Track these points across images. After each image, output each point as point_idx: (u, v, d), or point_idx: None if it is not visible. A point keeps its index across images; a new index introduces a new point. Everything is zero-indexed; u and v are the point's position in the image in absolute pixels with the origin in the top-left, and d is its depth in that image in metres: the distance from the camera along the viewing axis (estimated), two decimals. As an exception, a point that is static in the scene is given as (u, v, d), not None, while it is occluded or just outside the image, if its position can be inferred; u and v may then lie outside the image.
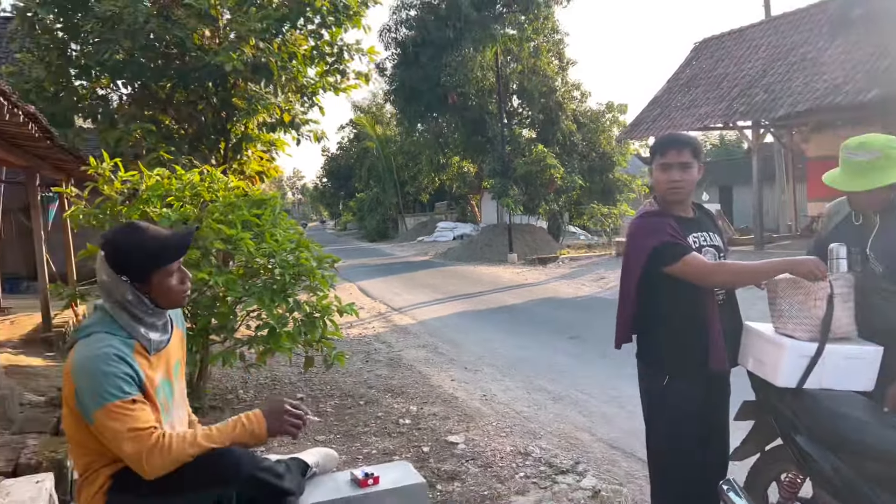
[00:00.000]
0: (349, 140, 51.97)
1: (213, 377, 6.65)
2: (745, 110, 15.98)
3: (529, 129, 27.18)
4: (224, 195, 5.45)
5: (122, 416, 1.93)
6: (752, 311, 3.12)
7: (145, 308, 2.10)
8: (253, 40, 7.63)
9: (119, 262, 2.07)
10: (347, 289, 15.16)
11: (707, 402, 2.74)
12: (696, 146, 2.73)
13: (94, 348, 1.99)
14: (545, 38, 25.97)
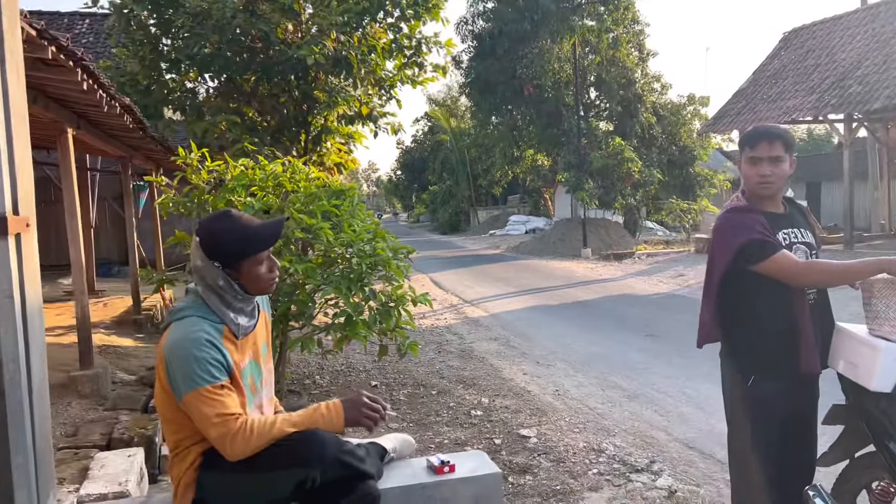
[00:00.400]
0: (423, 133, 52.31)
1: (292, 362, 6.84)
2: (838, 103, 15.25)
3: (607, 122, 26.69)
4: (305, 186, 5.59)
5: (211, 401, 2.01)
6: (843, 313, 2.99)
7: (235, 293, 2.17)
8: (334, 34, 7.77)
9: (212, 249, 2.14)
10: (420, 280, 15.30)
11: (794, 404, 2.64)
12: (788, 139, 2.63)
13: (187, 331, 2.07)
14: (625, 29, 25.43)
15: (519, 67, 23.12)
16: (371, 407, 2.20)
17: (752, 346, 2.61)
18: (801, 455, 2.70)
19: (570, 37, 22.66)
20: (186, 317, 2.13)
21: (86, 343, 5.59)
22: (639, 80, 25.54)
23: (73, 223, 5.75)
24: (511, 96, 24.34)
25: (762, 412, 2.62)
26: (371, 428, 2.20)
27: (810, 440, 2.72)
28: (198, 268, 2.18)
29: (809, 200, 24.14)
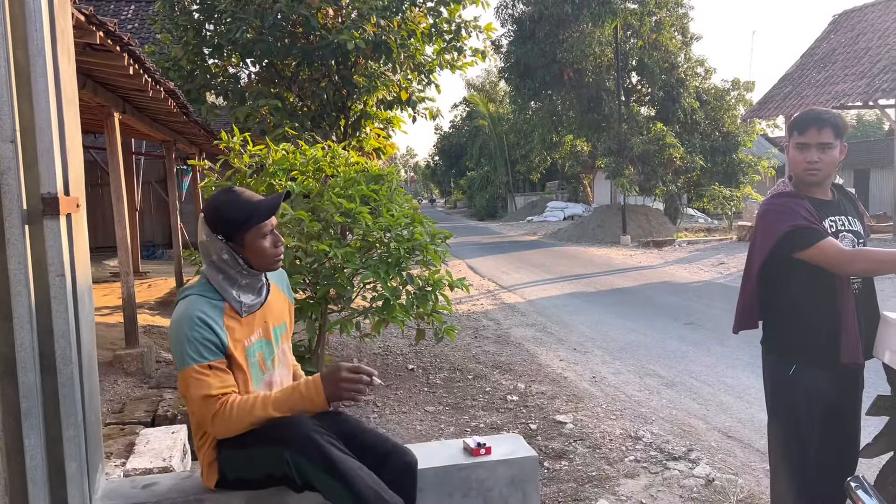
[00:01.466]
0: (461, 118, 52.18)
1: (330, 345, 6.94)
2: (889, 88, 14.77)
3: (648, 107, 26.26)
4: (344, 170, 5.64)
5: (196, 381, 2.04)
6: (889, 302, 2.92)
7: (239, 269, 2.19)
8: (374, 18, 7.78)
9: (216, 222, 2.17)
10: (457, 265, 15.32)
11: (837, 394, 2.59)
12: (839, 125, 2.55)
13: (184, 311, 2.10)
14: (668, 12, 24.93)
15: (559, 52, 22.86)
16: (350, 380, 2.13)
17: (793, 334, 2.57)
18: (844, 446, 2.66)
19: (611, 20, 22.31)
20: (188, 296, 2.17)
21: (131, 323, 5.74)
22: (681, 64, 25.04)
23: (119, 205, 5.89)
24: (550, 81, 24.09)
25: (804, 401, 2.58)
26: (356, 400, 2.15)
27: (853, 431, 2.67)
28: (203, 243, 2.21)
29: (857, 188, 23.52)
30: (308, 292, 5.56)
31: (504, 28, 25.47)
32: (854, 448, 2.69)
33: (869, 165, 25.33)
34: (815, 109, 2.63)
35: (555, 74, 23.59)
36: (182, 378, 2.06)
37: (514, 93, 28.14)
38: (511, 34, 25.21)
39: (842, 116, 2.64)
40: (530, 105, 28.30)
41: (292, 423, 2.09)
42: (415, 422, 4.93)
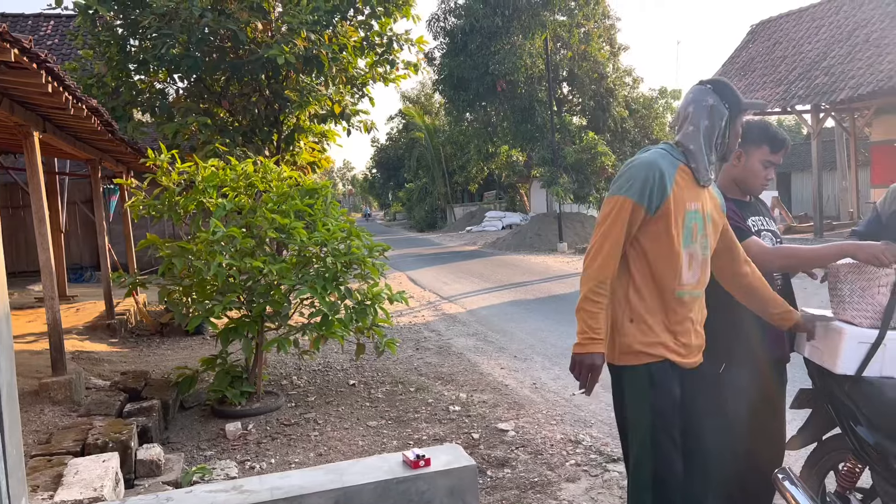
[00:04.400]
0: (398, 130, 52.25)
1: (268, 363, 6.81)
2: (805, 94, 15.49)
3: (580, 117, 26.87)
4: (277, 185, 5.57)
5: (608, 209, 2.36)
6: (813, 299, 3.05)
7: (719, 146, 2.45)
8: (304, 32, 7.72)
9: (726, 94, 2.42)
10: (397, 278, 15.29)
11: (763, 390, 2.70)
12: None
13: (648, 157, 2.39)
14: (596, 24, 25.61)
15: (491, 63, 23.18)
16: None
17: (721, 332, 2.65)
18: (771, 439, 2.76)
19: (541, 32, 22.76)
20: (651, 150, 2.45)
21: (58, 349, 5.51)
22: (610, 74, 25.74)
23: (41, 227, 5.66)
24: (484, 92, 24.39)
25: (733, 399, 2.67)
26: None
27: (779, 425, 2.77)
28: (706, 107, 2.42)
29: (780, 190, 24.50)
30: (243, 311, 5.46)
31: (437, 41, 25.72)
32: (780, 441, 2.79)
33: (790, 169, 26.46)
34: (780, 130, 2.75)
35: (488, 86, 23.89)
36: (611, 201, 2.35)
37: (449, 105, 28.37)
38: (444, 47, 25.44)
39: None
40: (465, 116, 28.58)
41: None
42: (357, 437, 4.88)
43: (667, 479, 2.40)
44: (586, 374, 2.33)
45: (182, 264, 5.09)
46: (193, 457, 4.62)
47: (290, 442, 4.85)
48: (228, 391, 5.42)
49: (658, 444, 2.38)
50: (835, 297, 2.62)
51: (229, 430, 4.99)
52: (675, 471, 2.44)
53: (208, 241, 5.01)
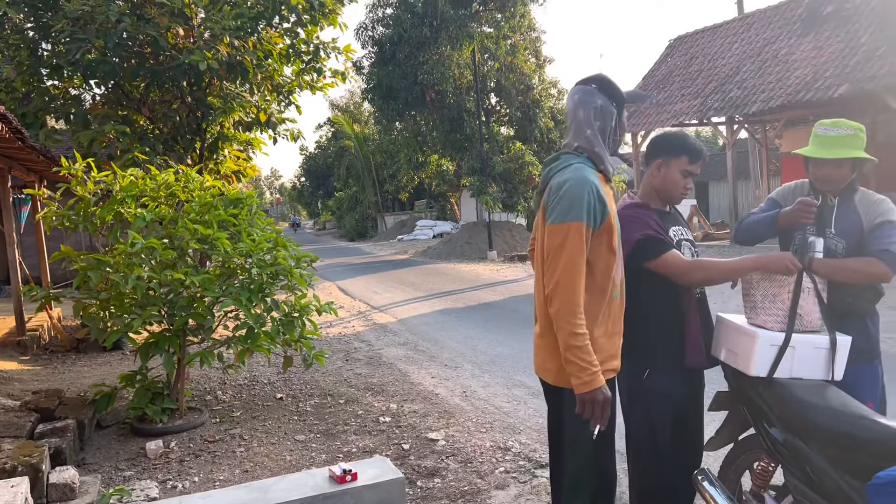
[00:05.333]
0: (327, 139, 51.78)
1: (192, 378, 6.61)
2: (720, 107, 16.17)
3: (507, 127, 27.24)
4: (200, 195, 5.42)
5: (560, 238, 2.32)
6: (729, 304, 3.16)
7: (612, 141, 2.50)
8: (227, 39, 7.55)
9: (612, 92, 2.47)
10: (327, 288, 15.12)
11: (685, 394, 2.78)
12: None
13: (584, 176, 2.35)
14: (522, 36, 26.05)
15: (420, 73, 23.26)
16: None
17: (644, 340, 2.72)
18: (691, 441, 2.85)
19: (468, 43, 22.99)
20: (575, 164, 2.41)
21: (-39, 369, 5.20)
22: (536, 86, 26.20)
23: (-57, 241, 5.34)
24: (413, 102, 24.44)
25: (657, 403, 2.74)
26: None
27: (698, 427, 2.87)
28: (596, 109, 2.46)
29: (698, 199, 25.46)
30: (164, 324, 5.29)
31: (365, 50, 25.64)
32: (700, 443, 2.88)
33: (708, 178, 27.54)
34: (696, 140, 2.84)
35: (417, 96, 23.95)
36: (562, 230, 2.27)
37: (378, 113, 28.29)
38: (372, 56, 25.36)
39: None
40: (395, 125, 28.56)
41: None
42: (284, 452, 4.78)
43: (607, 491, 2.44)
44: (601, 410, 2.27)
45: (98, 277, 4.88)
46: (111, 478, 4.43)
47: (214, 459, 4.71)
48: (149, 408, 5.23)
49: (600, 458, 2.41)
50: (748, 303, 2.73)
51: (150, 448, 4.80)
52: (613, 479, 2.49)
53: (126, 253, 4.82)
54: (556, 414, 2.50)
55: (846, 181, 2.80)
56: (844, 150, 2.72)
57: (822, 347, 2.54)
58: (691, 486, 2.82)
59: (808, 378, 2.53)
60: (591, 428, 2.28)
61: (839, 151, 2.73)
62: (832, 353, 2.54)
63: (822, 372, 2.55)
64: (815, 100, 13.70)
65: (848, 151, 2.72)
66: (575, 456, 2.40)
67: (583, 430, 2.36)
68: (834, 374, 2.55)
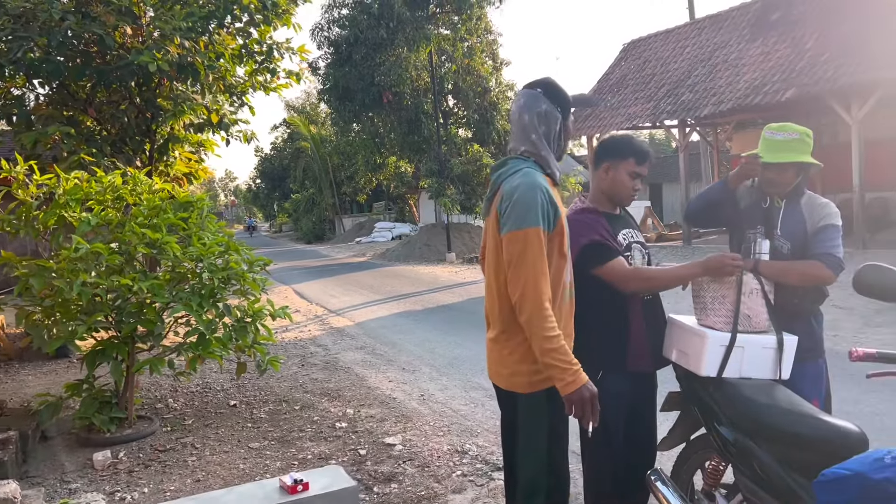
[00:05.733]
0: (283, 140, 51.15)
1: (141, 386, 6.45)
2: (672, 110, 16.46)
3: (465, 129, 27.28)
4: (148, 198, 5.29)
5: (520, 245, 2.32)
6: (682, 305, 3.20)
7: (557, 147, 2.49)
8: (178, 39, 7.37)
9: (557, 96, 2.47)
10: (282, 292, 14.93)
11: (637, 395, 2.80)
12: None
13: (535, 181, 2.34)
14: (479, 39, 26.12)
15: (377, 75, 23.15)
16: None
17: (594, 342, 2.74)
18: (644, 442, 2.87)
19: (425, 45, 22.98)
20: (525, 168, 2.39)
21: None
22: (494, 88, 26.31)
23: None
24: (371, 103, 24.32)
25: (610, 405, 2.75)
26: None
27: (651, 428, 2.89)
28: (541, 113, 2.44)
29: (652, 200, 25.90)
30: (112, 331, 5.14)
31: (321, 50, 25.46)
32: (653, 443, 2.91)
33: (661, 180, 28.04)
34: (642, 142, 2.87)
35: (374, 97, 23.84)
36: (520, 237, 2.25)
37: (335, 115, 28.07)
38: (328, 56, 25.17)
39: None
40: (352, 127, 28.35)
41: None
42: (238, 461, 4.69)
43: (561, 493, 2.43)
44: (590, 406, 2.26)
45: (41, 284, 4.72)
46: (56, 491, 4.28)
47: (165, 469, 4.59)
48: (96, 418, 5.08)
49: (554, 461, 2.41)
50: (698, 304, 2.76)
51: (97, 459, 4.66)
52: (566, 481, 2.49)
53: (70, 259, 4.67)
54: (510, 418, 2.49)
55: (792, 184, 2.87)
56: (789, 155, 2.78)
57: (769, 347, 2.59)
58: (645, 485, 2.85)
59: (756, 377, 2.57)
60: (584, 426, 2.29)
61: (783, 156, 2.79)
62: (779, 353, 2.58)
63: (770, 371, 2.59)
64: (763, 103, 14.04)
65: (792, 156, 2.78)
66: (529, 459, 2.39)
67: (536, 434, 2.36)
68: (781, 373, 2.59)
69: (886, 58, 11.99)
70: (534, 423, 2.34)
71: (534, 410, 2.37)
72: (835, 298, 8.38)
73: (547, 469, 2.38)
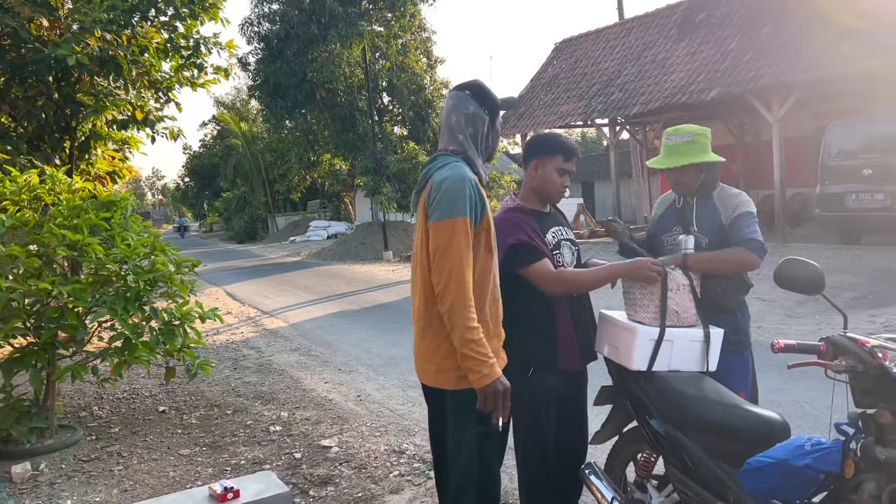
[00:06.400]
0: (212, 137, 49.87)
1: (64, 394, 6.17)
2: (603, 108, 16.80)
3: (401, 127, 27.22)
4: (68, 198, 5.06)
5: (446, 235, 2.33)
6: (614, 300, 3.25)
7: (485, 148, 2.53)
8: (98, 32, 7.07)
9: (485, 99, 2.51)
10: (213, 293, 14.58)
11: (568, 390, 2.84)
12: None
13: (464, 174, 2.36)
14: (413, 36, 26.10)
15: (309, 71, 22.83)
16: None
17: (524, 339, 2.76)
18: (576, 437, 2.91)
19: (358, 42, 22.79)
20: (454, 162, 2.41)
21: None
22: (428, 86, 26.33)
23: None
24: (303, 100, 23.96)
25: (542, 401, 2.79)
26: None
27: (582, 422, 2.94)
28: (468, 115, 2.48)
29: (584, 198, 26.40)
30: (30, 338, 4.89)
31: (251, 45, 24.88)
32: (584, 438, 2.95)
33: (593, 178, 28.60)
34: (568, 138, 2.89)
35: (307, 94, 23.50)
36: (447, 225, 2.25)
37: (266, 112, 27.54)
38: (259, 52, 24.67)
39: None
40: (285, 124, 27.88)
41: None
42: (167, 468, 4.54)
43: (492, 490, 2.44)
44: (501, 401, 2.25)
45: (-50, 290, 4.45)
46: (-30, 509, 4.05)
47: (89, 480, 4.40)
48: (14, 429, 4.82)
49: (484, 458, 2.41)
50: (628, 301, 2.81)
51: (16, 472, 4.43)
52: (497, 478, 2.50)
53: (-17, 263, 4.42)
54: (439, 416, 2.49)
55: (696, 184, 2.97)
56: (683, 158, 2.88)
57: (697, 340, 2.65)
58: (579, 479, 2.89)
59: (685, 370, 2.63)
60: (493, 421, 2.27)
61: (676, 160, 2.89)
62: (706, 346, 2.65)
63: (698, 364, 2.66)
64: (689, 102, 14.48)
65: (684, 159, 2.88)
66: (459, 457, 2.39)
67: (466, 431, 2.36)
68: (709, 365, 2.66)
69: (803, 61, 12.54)
70: (463, 420, 2.35)
71: (462, 407, 2.37)
72: (758, 291, 8.70)
73: (477, 466, 2.39)
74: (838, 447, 1.99)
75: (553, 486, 2.84)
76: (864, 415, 2.00)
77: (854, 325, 6.71)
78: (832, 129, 12.06)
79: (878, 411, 1.96)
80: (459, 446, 2.39)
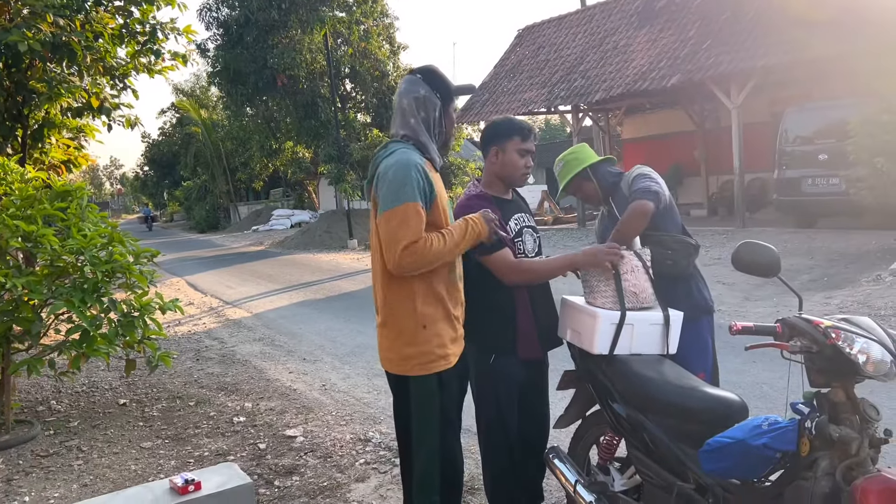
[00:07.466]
0: (171, 125, 48.91)
1: (20, 389, 6.03)
2: (566, 95, 16.87)
3: (364, 114, 27.01)
4: (20, 188, 4.92)
5: (414, 216, 2.35)
6: (576, 285, 3.27)
7: (439, 133, 2.55)
8: (50, 17, 6.87)
9: (437, 83, 2.51)
10: (174, 284, 14.35)
11: (529, 376, 2.86)
12: None
13: (407, 158, 2.38)
14: (375, 22, 25.86)
15: (270, 57, 22.50)
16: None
17: (486, 326, 2.78)
18: (538, 422, 2.94)
19: (320, 27, 22.52)
20: (400, 149, 2.43)
21: None
22: (391, 72, 26.15)
23: None
24: (264, 87, 23.63)
25: (503, 387, 2.81)
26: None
27: (544, 406, 2.97)
28: (419, 98, 2.48)
29: (549, 184, 26.52)
30: (-17, 333, 4.76)
31: (209, 31, 24.46)
32: (546, 422, 2.98)
33: (557, 164, 28.73)
34: (521, 119, 2.92)
35: (268, 80, 23.18)
36: (397, 212, 2.27)
37: (226, 99, 27.10)
38: (218, 38, 24.24)
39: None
40: (245, 111, 27.49)
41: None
42: (129, 462, 4.47)
43: (454, 476, 2.45)
44: (492, 224, 2.53)
45: None
46: (-78, 508, 3.95)
47: (48, 475, 4.31)
48: (-32, 426, 4.71)
49: (446, 444, 2.42)
50: (587, 287, 2.83)
51: (-30, 470, 4.32)
52: (460, 464, 2.51)
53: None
54: (402, 404, 2.50)
55: (595, 192, 3.16)
56: (563, 180, 3.18)
57: (657, 324, 2.69)
58: (542, 463, 2.92)
59: (646, 353, 2.67)
60: (500, 235, 2.63)
61: (561, 183, 3.20)
62: (666, 329, 2.69)
63: (658, 347, 2.69)
64: (650, 89, 14.63)
65: (565, 179, 3.16)
66: (422, 444, 2.41)
67: (429, 417, 2.38)
68: (669, 348, 2.70)
69: (761, 47, 12.75)
70: (425, 407, 2.37)
71: (425, 394, 2.39)
72: (718, 275, 8.89)
73: (440, 452, 2.40)
74: (794, 426, 2.04)
75: (517, 471, 2.86)
76: (818, 394, 2.05)
77: (809, 306, 6.89)
78: (789, 114, 12.30)
79: (831, 390, 2.01)
80: (423, 433, 2.40)
